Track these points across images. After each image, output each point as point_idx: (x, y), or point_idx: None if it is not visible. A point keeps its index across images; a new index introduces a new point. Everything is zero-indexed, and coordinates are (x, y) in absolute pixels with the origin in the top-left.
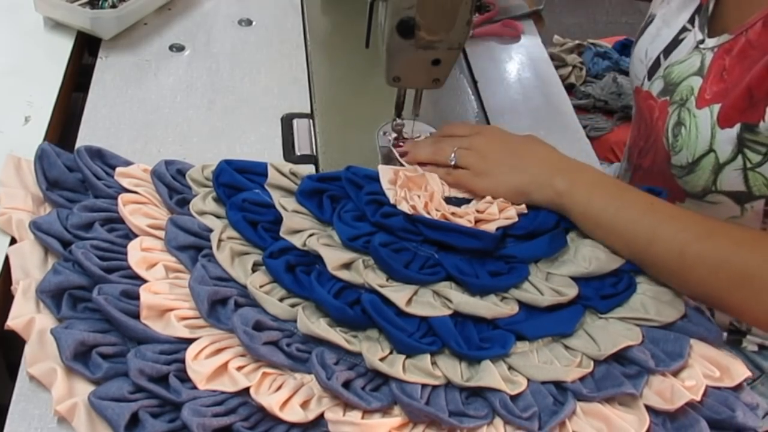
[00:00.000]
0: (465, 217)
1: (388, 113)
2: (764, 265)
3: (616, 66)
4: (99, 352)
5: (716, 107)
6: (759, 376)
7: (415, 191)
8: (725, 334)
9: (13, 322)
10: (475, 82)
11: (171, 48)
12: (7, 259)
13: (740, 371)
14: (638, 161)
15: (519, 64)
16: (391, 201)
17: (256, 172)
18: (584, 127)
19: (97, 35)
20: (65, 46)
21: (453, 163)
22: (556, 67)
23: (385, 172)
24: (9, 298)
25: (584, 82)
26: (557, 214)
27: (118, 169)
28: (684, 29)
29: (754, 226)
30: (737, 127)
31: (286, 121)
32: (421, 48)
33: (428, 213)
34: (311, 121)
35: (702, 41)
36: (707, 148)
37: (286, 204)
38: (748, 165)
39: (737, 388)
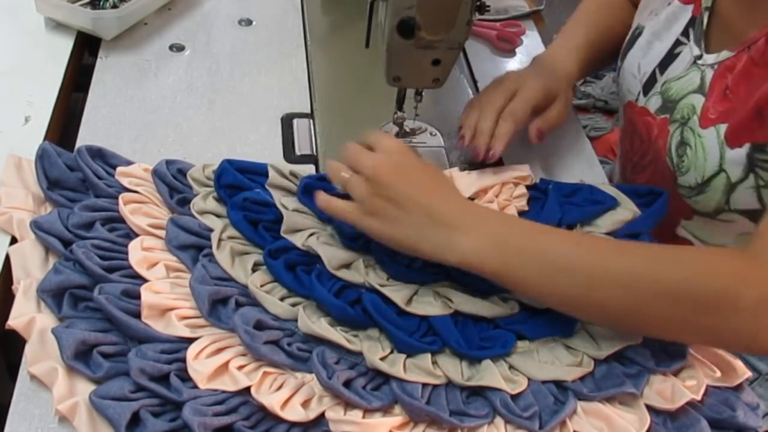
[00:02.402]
0: None
1: (388, 113)
2: (727, 288)
3: (615, 66)
4: (100, 352)
5: (723, 127)
6: (756, 377)
7: None
8: None
9: (14, 321)
10: (475, 82)
11: (171, 48)
12: (7, 259)
13: (741, 371)
14: (632, 177)
15: (519, 64)
16: None
17: (257, 172)
18: (584, 127)
19: (98, 35)
20: (65, 46)
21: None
22: None
23: None
24: (9, 298)
25: (584, 82)
26: (559, 211)
27: (119, 169)
28: (678, 42)
29: (736, 250)
30: (746, 147)
31: (286, 121)
32: (421, 48)
33: None
34: (311, 121)
35: (699, 56)
36: (717, 169)
37: (287, 203)
38: (761, 183)
39: (738, 388)
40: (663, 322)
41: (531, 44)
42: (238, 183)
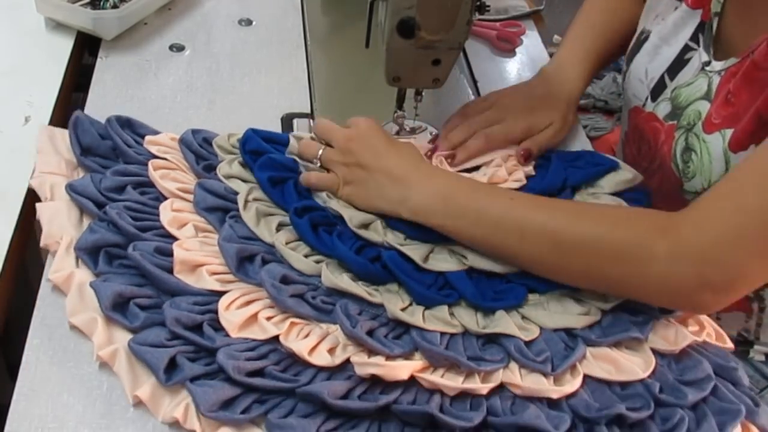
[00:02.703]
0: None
1: (388, 113)
2: (643, 239)
3: (616, 66)
4: (136, 303)
5: (728, 132)
6: (766, 386)
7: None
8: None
9: (53, 275)
10: (475, 82)
11: (171, 48)
12: (9, 251)
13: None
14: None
15: (519, 64)
16: None
17: (280, 142)
18: (584, 127)
19: (98, 36)
20: (65, 46)
21: (318, 164)
22: None
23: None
24: (9, 297)
25: None
26: (563, 173)
27: (148, 138)
28: (688, 48)
29: (658, 210)
30: (751, 149)
31: (286, 121)
32: (421, 48)
33: None
34: (311, 121)
35: (708, 63)
36: (723, 173)
37: (311, 166)
38: None
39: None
40: (584, 274)
41: (531, 44)
42: (263, 149)
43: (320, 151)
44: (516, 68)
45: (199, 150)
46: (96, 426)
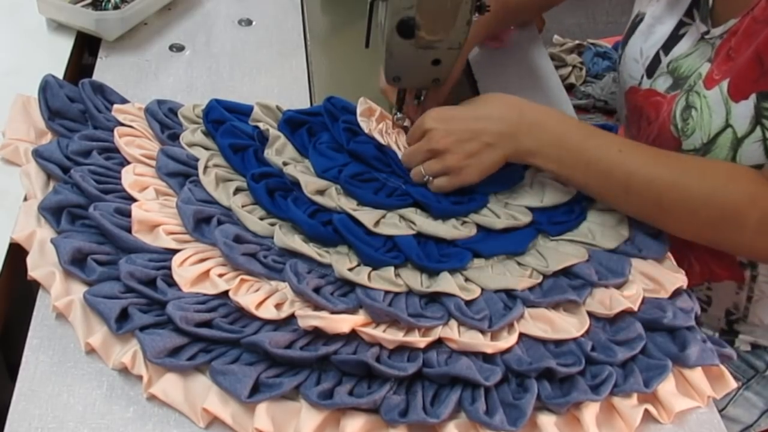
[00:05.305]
0: None
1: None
2: (737, 208)
3: (616, 66)
4: (94, 259)
5: (725, 83)
6: (753, 375)
7: (388, 125)
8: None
9: (17, 234)
10: (475, 82)
11: (171, 48)
12: (9, 251)
13: (674, 281)
14: None
15: (519, 64)
16: (365, 131)
17: (243, 112)
18: None
19: (101, 36)
20: (65, 46)
21: (431, 180)
22: (556, 67)
23: (362, 104)
24: (10, 297)
25: (584, 82)
26: None
27: (116, 106)
28: (682, 24)
29: (755, 172)
30: (753, 98)
31: None
32: (421, 48)
33: (399, 147)
34: None
35: (707, 32)
36: (723, 125)
37: (272, 131)
38: (767, 136)
39: (675, 296)
40: (681, 230)
41: (530, 44)
42: (225, 119)
43: (422, 168)
44: (516, 68)
45: (164, 119)
46: (96, 426)
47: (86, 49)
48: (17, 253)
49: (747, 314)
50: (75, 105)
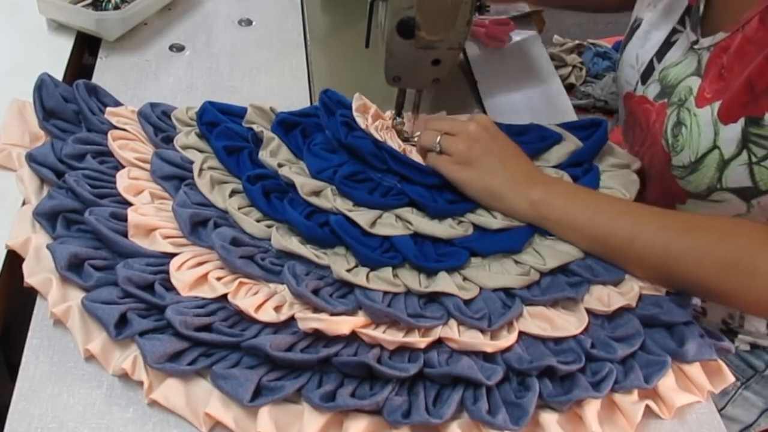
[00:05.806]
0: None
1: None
2: (747, 253)
3: (615, 68)
4: (91, 264)
5: (717, 104)
6: (752, 375)
7: (383, 123)
8: None
9: (12, 241)
10: (475, 82)
11: (171, 48)
12: (8, 257)
13: None
14: None
15: (519, 64)
16: (362, 127)
17: (237, 114)
18: None
19: (101, 37)
20: (65, 46)
21: (438, 150)
22: (556, 67)
23: (357, 100)
24: (10, 296)
25: (584, 82)
26: None
27: (108, 109)
28: (675, 31)
29: (760, 222)
30: (741, 122)
31: None
32: (421, 48)
33: (395, 146)
34: None
35: (696, 42)
36: (711, 146)
37: (266, 133)
38: (753, 159)
39: (671, 292)
40: (690, 284)
41: (530, 44)
42: (219, 121)
43: (438, 138)
44: (516, 68)
45: (158, 122)
46: (96, 426)
47: (86, 49)
48: (17, 253)
49: (743, 323)
50: (69, 105)
